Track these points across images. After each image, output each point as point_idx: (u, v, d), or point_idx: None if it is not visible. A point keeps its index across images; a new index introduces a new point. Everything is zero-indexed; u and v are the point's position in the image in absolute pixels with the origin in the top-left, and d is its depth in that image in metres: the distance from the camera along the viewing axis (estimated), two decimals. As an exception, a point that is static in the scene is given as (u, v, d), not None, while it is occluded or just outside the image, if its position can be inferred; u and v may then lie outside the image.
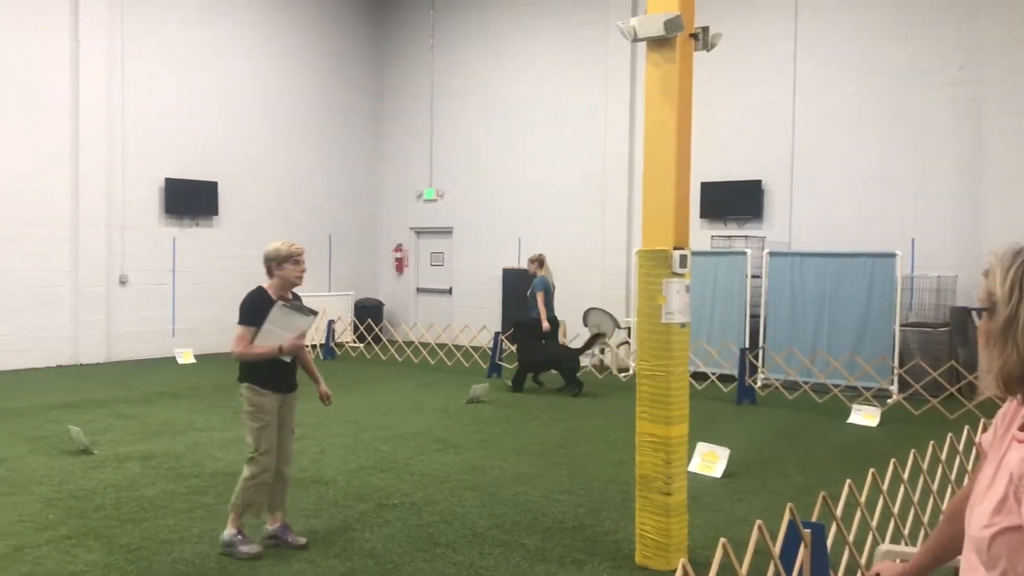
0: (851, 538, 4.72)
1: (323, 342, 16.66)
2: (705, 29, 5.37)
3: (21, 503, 6.53)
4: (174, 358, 15.26)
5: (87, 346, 14.81)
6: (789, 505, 4.07)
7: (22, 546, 5.59)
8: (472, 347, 16.25)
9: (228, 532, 5.49)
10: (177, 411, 10.47)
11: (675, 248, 5.26)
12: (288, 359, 5.66)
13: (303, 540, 5.67)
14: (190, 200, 16.16)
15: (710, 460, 7.74)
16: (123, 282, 15.34)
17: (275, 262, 5.68)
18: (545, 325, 12.69)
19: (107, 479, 7.26)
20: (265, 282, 5.78)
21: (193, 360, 15.10)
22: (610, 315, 14.70)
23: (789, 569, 3.97)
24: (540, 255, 13.52)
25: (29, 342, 14.13)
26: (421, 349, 16.37)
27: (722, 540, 3.63)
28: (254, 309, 5.57)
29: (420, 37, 19.46)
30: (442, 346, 16.73)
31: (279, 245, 5.75)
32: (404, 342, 17.25)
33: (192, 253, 16.16)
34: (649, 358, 5.34)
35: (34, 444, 8.56)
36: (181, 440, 8.75)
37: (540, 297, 12.92)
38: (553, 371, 12.64)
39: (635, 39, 5.25)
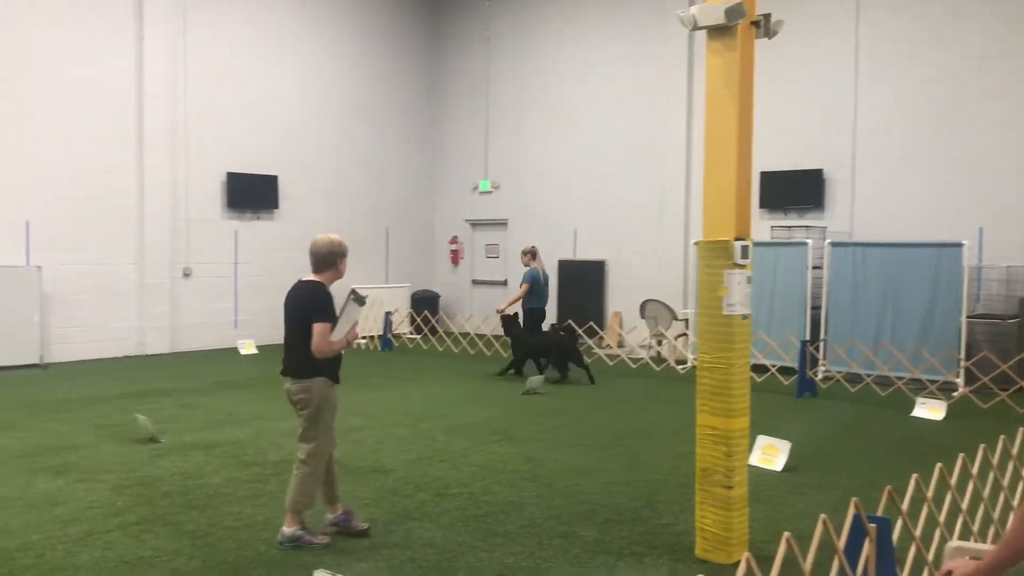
0: (918, 534, 4.63)
1: (380, 334, 16.84)
2: (767, 16, 5.29)
3: (92, 490, 6.72)
4: (236, 349, 15.56)
5: (152, 337, 15.17)
6: (854, 499, 4.01)
7: (93, 531, 5.75)
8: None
9: (290, 529, 5.51)
10: (240, 401, 10.68)
11: (737, 239, 5.19)
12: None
13: (365, 525, 5.74)
14: (251, 194, 16.44)
15: (770, 453, 7.65)
16: (187, 274, 15.67)
17: (339, 256, 5.74)
18: (507, 311, 13.03)
19: (173, 467, 7.44)
20: (306, 275, 5.78)
21: (255, 351, 15.37)
22: (667, 306, 14.61)
23: (854, 564, 3.90)
24: (532, 247, 13.76)
25: (97, 333, 14.52)
26: (477, 340, 16.43)
27: (785, 534, 3.58)
28: (330, 304, 5.62)
29: (476, 29, 19.49)
30: (498, 337, 16.74)
31: (340, 239, 5.78)
32: (460, 333, 17.33)
33: (253, 246, 16.44)
34: (710, 350, 5.29)
35: (103, 432, 8.80)
36: (244, 429, 8.92)
37: (524, 288, 13.18)
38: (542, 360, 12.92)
39: (695, 28, 5.19)
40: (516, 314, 13.22)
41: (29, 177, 13.63)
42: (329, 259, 5.71)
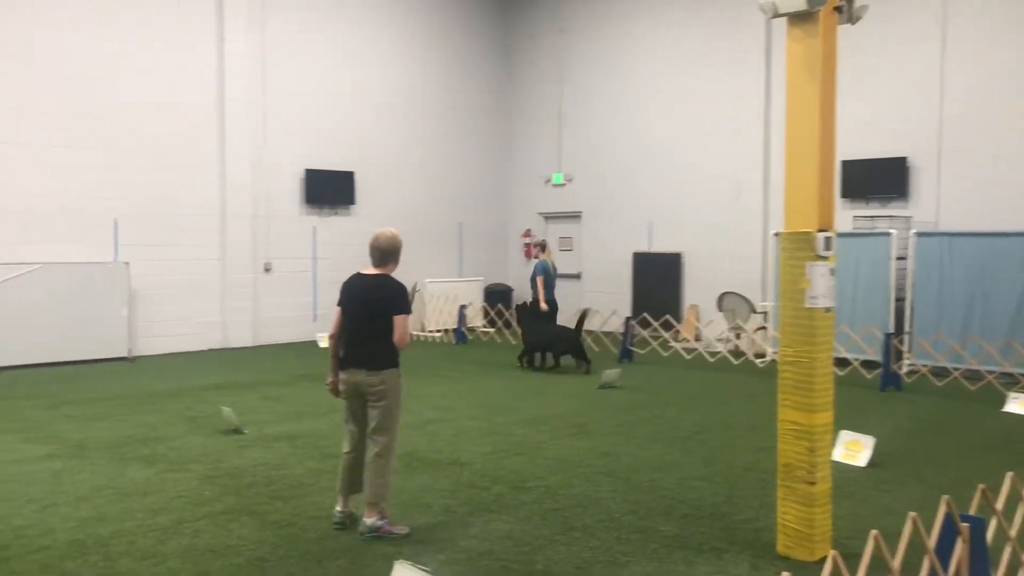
0: (1013, 534, 4.47)
1: (455, 327, 16.96)
2: (850, 1, 5.15)
3: (180, 480, 6.92)
4: (315, 342, 15.84)
5: (235, 331, 15.56)
6: (945, 497, 3.90)
7: (182, 520, 5.92)
8: (603, 332, 16.17)
9: (371, 520, 5.58)
10: (320, 393, 10.78)
11: (819, 230, 5.08)
12: None
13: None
14: (328, 190, 16.73)
15: (854, 449, 7.49)
16: (267, 269, 16.03)
17: (400, 249, 5.85)
18: (543, 307, 13.16)
19: (257, 458, 7.62)
20: (363, 268, 5.91)
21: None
22: (745, 299, 14.39)
23: (945, 565, 3.79)
24: (543, 240, 14.10)
25: (182, 327, 14.95)
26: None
27: (873, 532, 3.50)
28: (408, 296, 5.80)
29: (549, 22, 19.45)
30: (573, 331, 16.72)
31: (399, 233, 5.87)
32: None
33: (331, 241, 16.71)
34: (792, 344, 5.19)
35: (190, 424, 9.06)
36: (325, 421, 9.07)
37: (540, 281, 13.27)
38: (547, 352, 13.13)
39: (775, 15, 5.09)
40: (526, 303, 13.61)
41: (117, 177, 14.09)
42: (393, 252, 5.81)
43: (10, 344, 12.76)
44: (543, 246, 13.92)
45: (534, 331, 13.05)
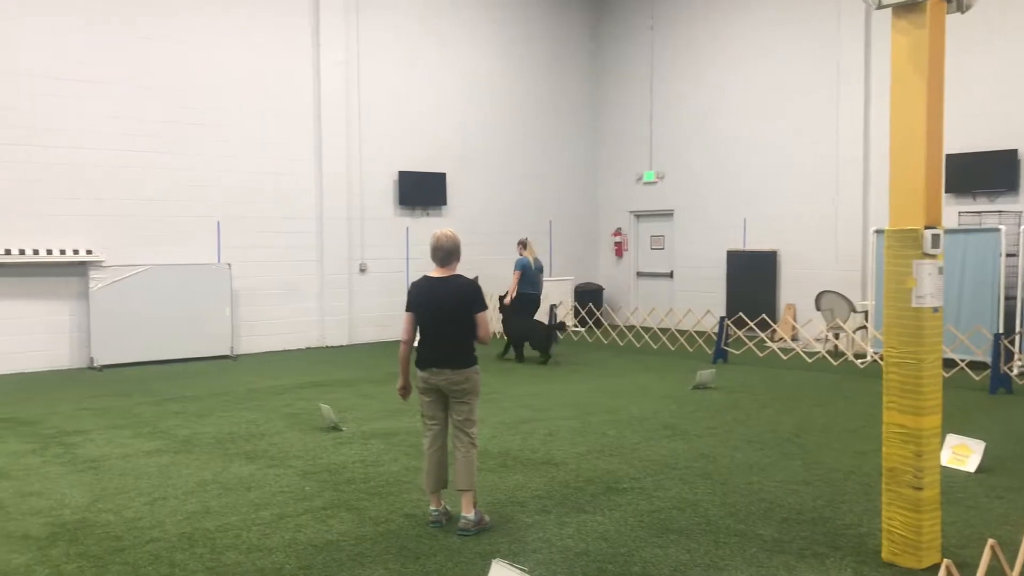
0: None
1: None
2: (959, -11, 4.96)
3: (282, 475, 7.11)
4: (408, 341, 16.03)
5: (332, 330, 15.91)
6: (1066, 507, 3.71)
7: (284, 515, 6.08)
8: (696, 332, 15.97)
9: (471, 514, 5.66)
10: (414, 392, 10.98)
11: (926, 227, 4.91)
12: None
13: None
14: (421, 191, 16.95)
15: (962, 453, 7.21)
16: (363, 270, 16.34)
17: (460, 250, 6.00)
18: (507, 300, 14.01)
19: (355, 454, 7.77)
20: (429, 270, 6.06)
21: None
22: (844, 298, 14.00)
23: (1067, 577, 3.62)
24: (524, 239, 14.63)
25: (282, 326, 15.36)
26: (643, 333, 16.31)
27: (991, 541, 3.36)
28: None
29: (639, 18, 19.30)
30: (664, 331, 16.58)
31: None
32: (625, 326, 17.23)
33: (424, 241, 16.70)
34: (898, 345, 5.03)
35: (290, 421, 9.29)
36: (419, 419, 9.16)
37: (516, 275, 13.93)
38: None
39: (880, 6, 4.93)
40: (501, 297, 14.32)
41: (219, 180, 14.57)
42: (457, 251, 5.96)
43: (120, 343, 13.32)
44: (524, 244, 14.41)
45: (512, 324, 13.94)
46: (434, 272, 5.96)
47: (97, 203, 13.38)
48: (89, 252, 13.19)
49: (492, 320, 13.00)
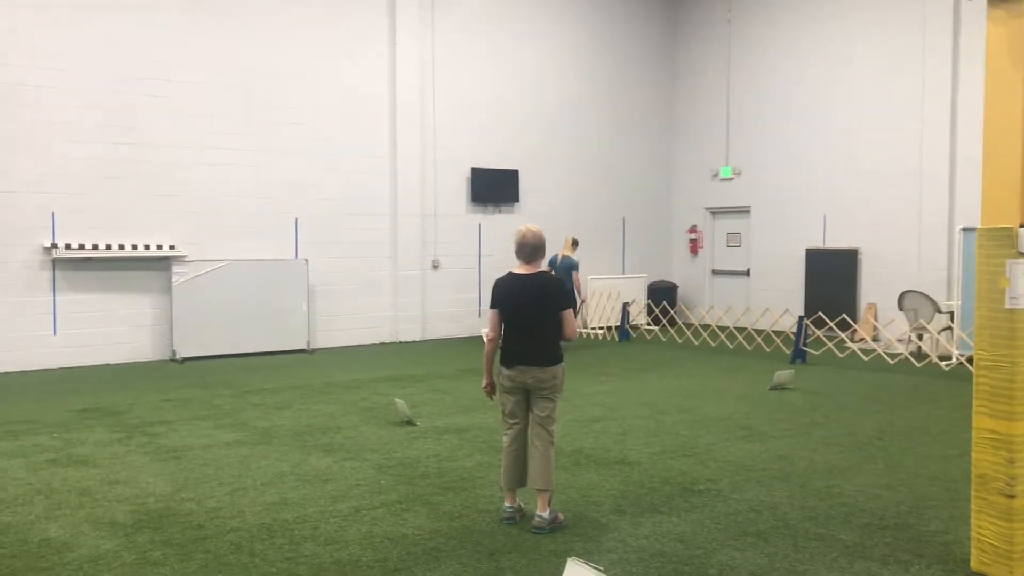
0: None
1: (618, 324, 16.87)
2: (1060, -24, 4.75)
3: (358, 468, 7.20)
4: (481, 337, 16.10)
5: (405, 325, 16.07)
6: None
7: (360, 508, 6.15)
8: (773, 332, 15.68)
9: (547, 512, 5.64)
10: (486, 388, 11.04)
11: (1022, 225, 4.72)
12: None
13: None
14: (493, 188, 17.00)
15: (1056, 461, 6.91)
16: (435, 266, 16.46)
17: (545, 247, 5.97)
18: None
19: (429, 449, 7.82)
20: (511, 265, 6.07)
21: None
22: (929, 298, 13.59)
23: None
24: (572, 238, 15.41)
25: (357, 321, 15.59)
26: (718, 332, 16.09)
27: (1090, 554, 3.21)
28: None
29: (716, 11, 19.02)
30: (740, 330, 16.32)
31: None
32: (700, 325, 17.00)
33: (496, 238, 16.98)
34: (989, 347, 4.84)
35: (365, 414, 9.41)
36: (492, 415, 9.20)
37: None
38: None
39: (973, -5, 4.76)
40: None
41: (297, 178, 14.84)
42: (543, 248, 5.92)
43: (200, 336, 13.68)
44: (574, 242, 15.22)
45: None
46: (519, 268, 5.95)
47: (179, 200, 13.75)
48: (172, 247, 13.56)
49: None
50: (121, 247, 13.17)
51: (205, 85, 13.93)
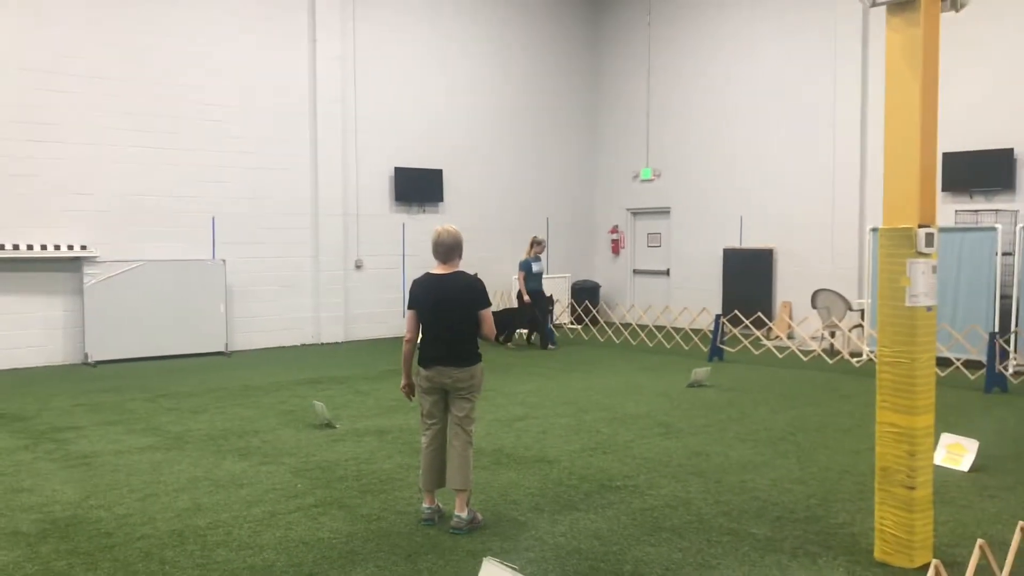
0: None
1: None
2: (954, -13, 4.94)
3: (274, 472, 7.09)
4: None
5: (327, 326, 15.89)
6: (1058, 507, 3.69)
7: (276, 512, 6.06)
8: (692, 330, 15.97)
9: (465, 512, 5.65)
10: (408, 389, 10.98)
11: (921, 226, 4.89)
12: None
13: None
14: (417, 187, 16.92)
15: (956, 452, 7.20)
16: (358, 266, 16.31)
17: (462, 246, 5.98)
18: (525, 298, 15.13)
19: (348, 452, 7.75)
20: (428, 266, 6.07)
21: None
22: (841, 296, 13.99)
23: (1058, 577, 3.60)
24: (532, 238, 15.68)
25: (277, 323, 15.35)
26: (639, 331, 16.30)
27: (980, 541, 3.35)
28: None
29: (636, 15, 19.27)
30: (660, 328, 16.57)
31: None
32: (621, 324, 17.21)
33: (420, 238, 16.89)
34: (891, 344, 5.01)
35: (283, 418, 9.27)
36: (413, 416, 9.15)
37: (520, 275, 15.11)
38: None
39: (874, 3, 4.92)
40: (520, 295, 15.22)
41: (215, 176, 14.54)
42: (460, 248, 5.94)
43: (114, 339, 13.30)
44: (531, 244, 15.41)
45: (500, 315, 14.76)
46: (436, 269, 5.94)
47: (92, 198, 13.35)
48: (84, 248, 13.16)
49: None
50: (30, 247, 12.72)
51: (119, 81, 13.55)
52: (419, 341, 5.92)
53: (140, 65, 13.76)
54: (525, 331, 15.68)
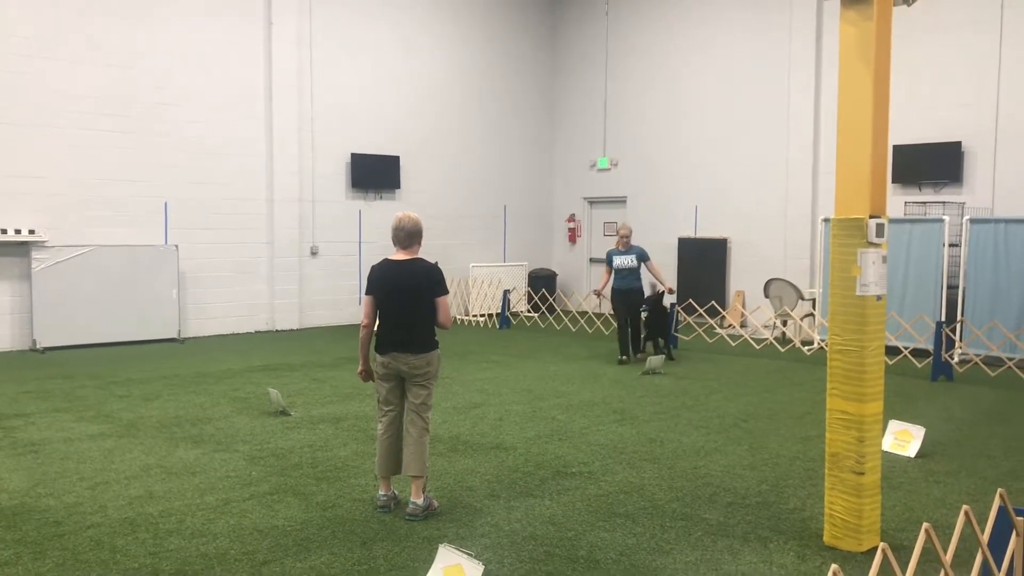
0: (1069, 529, 4.36)
1: (499, 311, 16.98)
2: (906, -18, 5.03)
3: (228, 460, 7.03)
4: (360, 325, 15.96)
5: (282, 313, 15.74)
6: (1000, 490, 3.81)
7: (229, 500, 6.01)
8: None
9: (421, 499, 5.65)
10: (364, 376, 10.94)
11: (871, 216, 4.98)
12: None
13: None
14: (374, 174, 16.80)
15: (903, 439, 7.36)
16: (314, 253, 16.17)
17: (422, 233, 6.00)
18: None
19: (303, 439, 7.70)
20: (385, 253, 6.08)
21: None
22: (793, 285, 14.20)
23: (999, 559, 3.71)
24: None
25: (231, 310, 15.17)
26: (595, 319, 16.38)
27: (925, 524, 3.43)
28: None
29: (595, 6, 19.29)
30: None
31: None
32: (578, 312, 17.28)
33: (376, 225, 16.80)
34: (842, 332, 5.10)
35: (237, 405, 9.18)
36: (369, 403, 9.14)
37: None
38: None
39: (828, -4, 4.98)
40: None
41: (167, 161, 14.29)
42: (419, 234, 5.95)
43: (63, 325, 13.05)
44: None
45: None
46: (395, 255, 5.92)
47: (41, 182, 13.06)
48: (32, 232, 12.88)
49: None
50: (-26, 231, 12.43)
51: (69, 62, 13.25)
52: (376, 327, 5.89)
53: (91, 46, 13.46)
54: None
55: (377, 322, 5.90)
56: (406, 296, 5.76)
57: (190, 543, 5.19)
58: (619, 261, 12.24)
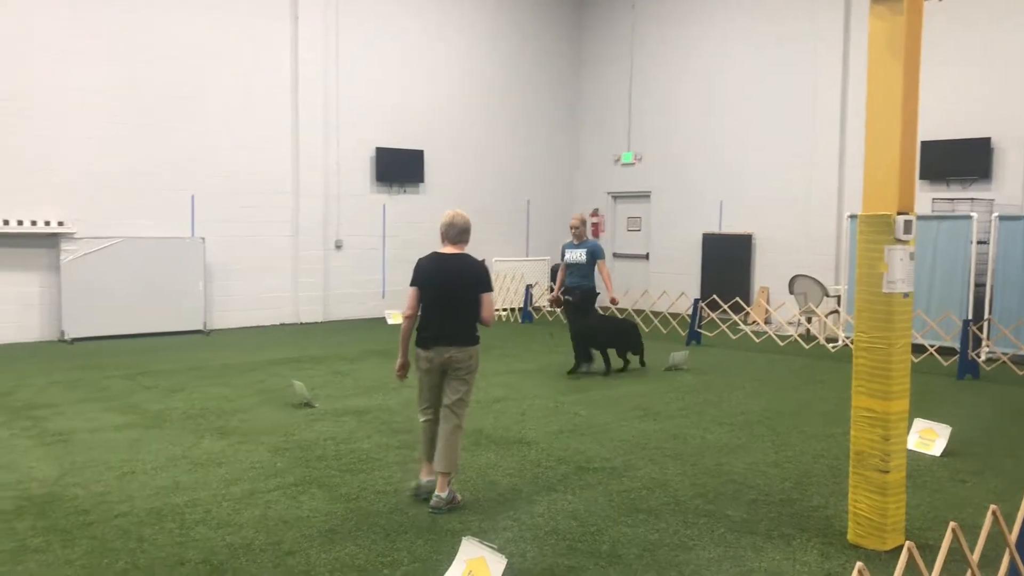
0: (1097, 530, 4.31)
1: (521, 306, 16.99)
2: (937, -24, 4.97)
3: (253, 451, 7.09)
4: (384, 319, 16.05)
5: (306, 306, 15.83)
6: (1027, 491, 3.76)
7: (255, 491, 6.06)
8: (670, 314, 16.05)
9: (445, 492, 5.68)
10: (389, 369, 10.91)
11: (899, 213, 4.94)
12: None
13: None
14: (398, 168, 16.84)
15: (929, 437, 7.31)
16: (338, 247, 16.24)
17: (471, 230, 6.01)
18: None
19: (327, 431, 7.75)
20: (444, 248, 5.99)
21: (401, 321, 15.80)
22: (818, 282, 14.10)
23: (1026, 560, 3.68)
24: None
25: (256, 302, 15.27)
26: (618, 314, 16.33)
27: (952, 524, 3.40)
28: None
29: (622, 0, 19.21)
30: (639, 312, 16.62)
31: None
32: (600, 307, 17.23)
33: (400, 219, 16.85)
34: (868, 329, 5.07)
35: (262, 397, 9.25)
36: (393, 397, 9.19)
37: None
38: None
39: (857, -10, 4.94)
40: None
41: (194, 154, 14.40)
42: (469, 231, 5.99)
43: (92, 316, 13.19)
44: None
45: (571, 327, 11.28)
46: (444, 249, 5.95)
47: (70, 174, 13.20)
48: (61, 224, 13.02)
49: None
50: (6, 222, 12.56)
51: (99, 56, 13.37)
52: (419, 321, 5.91)
53: (122, 42, 13.57)
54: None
55: (420, 316, 5.91)
56: (455, 290, 5.81)
57: (216, 533, 5.24)
58: (569, 255, 11.08)
